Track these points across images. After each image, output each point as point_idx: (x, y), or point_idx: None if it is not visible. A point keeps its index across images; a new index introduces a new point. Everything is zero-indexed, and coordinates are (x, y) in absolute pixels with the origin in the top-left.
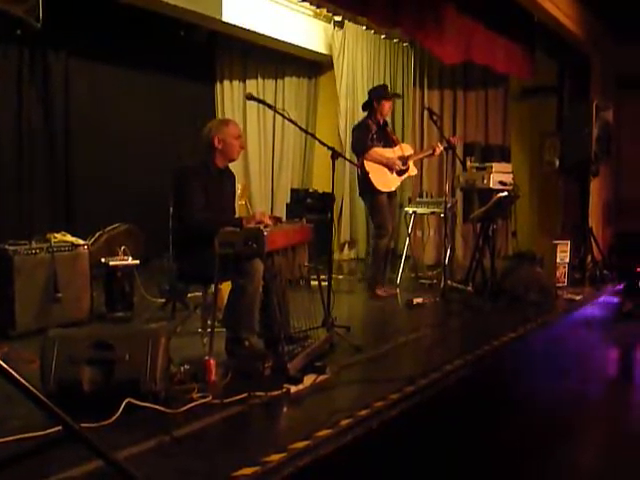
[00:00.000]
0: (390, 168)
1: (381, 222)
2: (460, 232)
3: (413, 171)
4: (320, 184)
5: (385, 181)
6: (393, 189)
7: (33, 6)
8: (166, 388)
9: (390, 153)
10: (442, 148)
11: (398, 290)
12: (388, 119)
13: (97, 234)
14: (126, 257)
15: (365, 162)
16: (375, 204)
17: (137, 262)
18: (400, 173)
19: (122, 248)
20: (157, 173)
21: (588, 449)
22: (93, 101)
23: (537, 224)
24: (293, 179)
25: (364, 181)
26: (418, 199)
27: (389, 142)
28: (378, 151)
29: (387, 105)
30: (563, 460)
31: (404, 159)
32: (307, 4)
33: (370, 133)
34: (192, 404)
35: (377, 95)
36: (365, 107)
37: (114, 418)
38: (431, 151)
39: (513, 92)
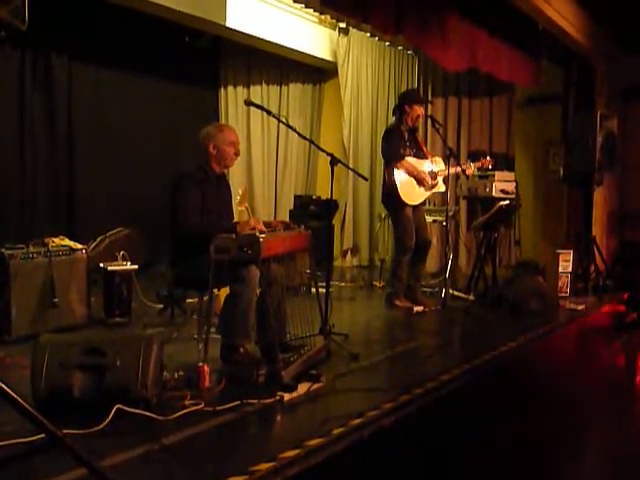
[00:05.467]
0: (419, 182)
1: (402, 237)
2: (463, 240)
3: (441, 187)
4: (324, 191)
5: (412, 194)
6: (418, 203)
7: (18, 7)
8: (158, 394)
9: (422, 166)
10: (473, 169)
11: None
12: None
13: (99, 239)
14: (125, 262)
15: (396, 171)
16: (399, 217)
17: (135, 267)
18: (428, 188)
19: (121, 253)
20: (160, 178)
21: (586, 461)
22: (96, 105)
23: (541, 233)
24: (297, 185)
25: (390, 192)
26: (424, 207)
27: (421, 152)
28: (412, 161)
29: (419, 110)
30: (561, 470)
31: (434, 174)
32: (311, 10)
33: (403, 140)
34: (184, 411)
35: (409, 99)
36: (395, 112)
37: (104, 424)
38: (462, 169)
39: (518, 100)
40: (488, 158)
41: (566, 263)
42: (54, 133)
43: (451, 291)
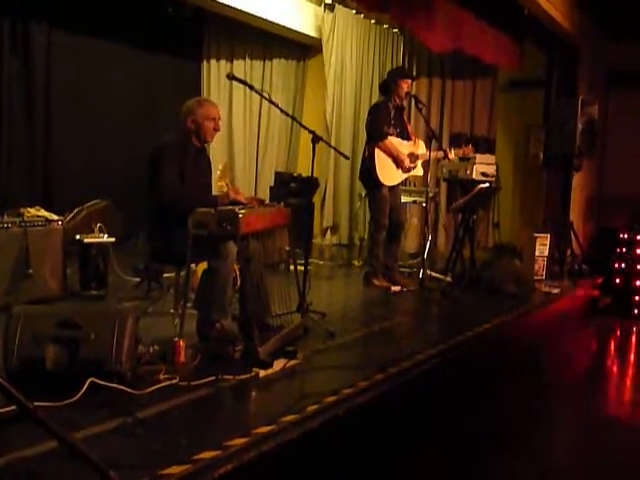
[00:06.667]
0: (398, 163)
1: (378, 216)
2: (442, 222)
3: (419, 171)
4: (305, 168)
5: (389, 175)
6: (395, 184)
7: None
8: (132, 368)
9: (404, 147)
10: (454, 156)
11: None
12: None
13: (76, 210)
14: (102, 234)
15: (376, 150)
16: (374, 196)
17: (112, 240)
18: (405, 170)
19: (98, 225)
20: (140, 150)
21: (558, 439)
22: (75, 75)
23: (519, 216)
24: (278, 162)
25: (368, 169)
26: (402, 187)
27: (405, 132)
28: (394, 142)
29: (405, 85)
30: (533, 449)
31: (414, 157)
32: None
33: (389, 117)
34: (158, 385)
35: (394, 75)
36: (382, 88)
37: (77, 397)
38: (443, 154)
39: (501, 84)
40: (470, 146)
41: (543, 247)
42: (31, 103)
43: (429, 272)
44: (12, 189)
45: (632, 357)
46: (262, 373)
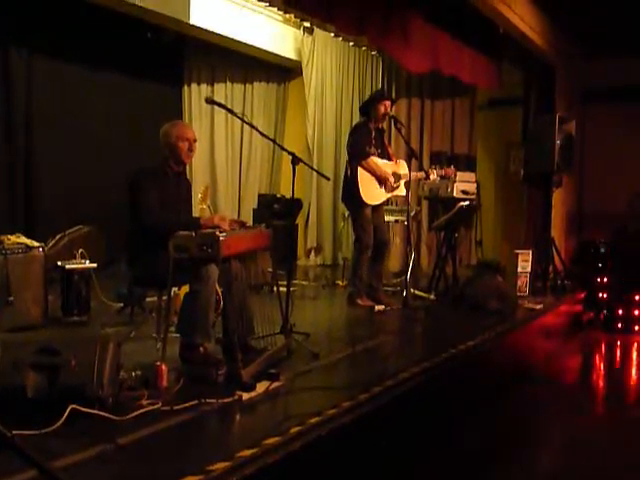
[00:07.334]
0: (381, 182)
1: (361, 235)
2: (425, 241)
3: (402, 191)
4: (288, 190)
5: (373, 194)
6: (378, 204)
7: None
8: (114, 394)
9: (387, 167)
10: (436, 176)
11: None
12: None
13: (58, 237)
14: (83, 260)
15: (359, 169)
16: (358, 216)
17: (94, 265)
18: (389, 189)
19: (80, 251)
20: (122, 176)
21: (545, 453)
22: (56, 101)
23: (501, 233)
24: (261, 184)
25: (351, 189)
26: (384, 207)
27: (385, 153)
28: (377, 161)
29: (382, 107)
30: (520, 464)
31: (397, 177)
32: (276, 9)
33: (370, 137)
34: (140, 411)
35: (377, 96)
36: (362, 110)
37: (58, 425)
38: (424, 175)
39: (480, 102)
40: (452, 167)
41: (525, 263)
42: (12, 130)
43: (412, 290)
44: None
45: (617, 370)
46: (245, 396)
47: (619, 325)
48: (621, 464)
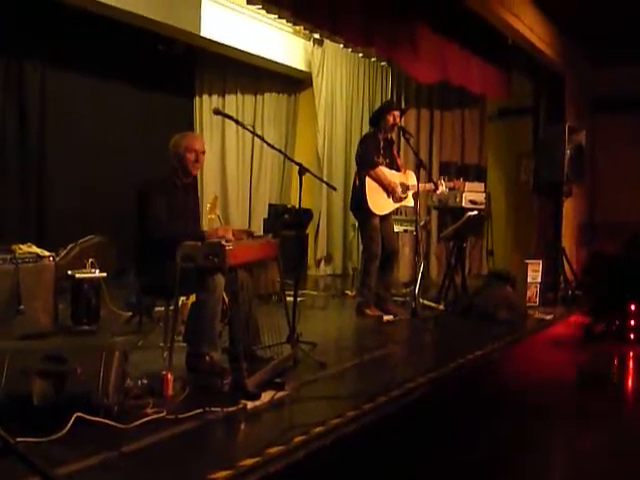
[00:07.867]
0: (389, 193)
1: (368, 245)
2: (434, 250)
3: (409, 202)
4: (298, 200)
5: (380, 204)
6: (385, 214)
7: None
8: (120, 402)
9: (395, 177)
10: (445, 188)
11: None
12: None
13: (69, 247)
14: (93, 270)
15: (367, 179)
16: (366, 226)
17: (104, 275)
18: (397, 200)
19: (90, 261)
20: (133, 187)
21: (552, 467)
22: (69, 113)
23: (512, 243)
24: (271, 194)
25: (359, 198)
26: (393, 216)
27: (394, 163)
28: (385, 171)
29: (391, 117)
30: (527, 475)
31: (405, 187)
32: (285, 21)
33: (379, 147)
34: (145, 419)
35: (386, 107)
36: (372, 121)
37: (63, 432)
38: (433, 187)
39: (490, 112)
40: (461, 179)
41: (535, 273)
42: (26, 141)
43: (421, 300)
44: (5, 226)
45: (630, 382)
46: (250, 405)
47: (631, 336)
48: (629, 476)
